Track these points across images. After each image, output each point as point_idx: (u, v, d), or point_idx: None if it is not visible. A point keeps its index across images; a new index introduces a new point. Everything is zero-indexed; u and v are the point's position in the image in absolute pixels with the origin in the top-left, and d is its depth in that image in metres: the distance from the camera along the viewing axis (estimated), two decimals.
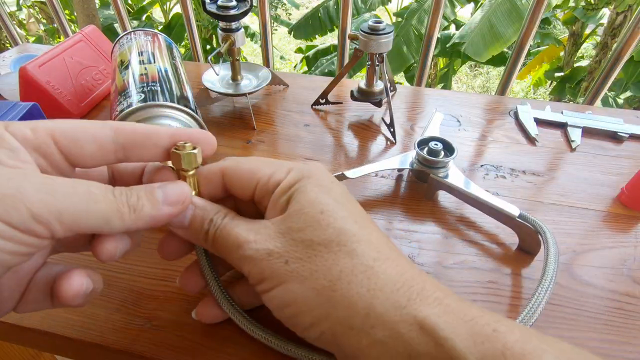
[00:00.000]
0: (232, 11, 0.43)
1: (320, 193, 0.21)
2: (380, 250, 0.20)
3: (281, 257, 0.20)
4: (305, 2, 7.64)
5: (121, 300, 0.29)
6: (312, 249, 0.20)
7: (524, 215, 0.32)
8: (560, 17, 4.47)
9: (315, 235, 0.20)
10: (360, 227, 0.21)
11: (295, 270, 0.20)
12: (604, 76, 0.61)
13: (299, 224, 0.20)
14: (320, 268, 0.19)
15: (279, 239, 0.20)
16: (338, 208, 0.21)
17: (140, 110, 0.32)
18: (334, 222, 0.20)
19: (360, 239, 0.20)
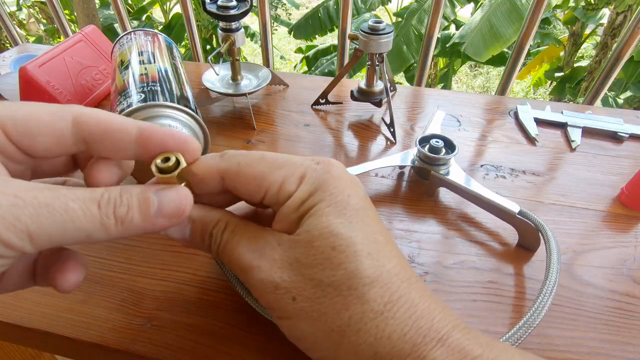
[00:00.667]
0: (232, 11, 0.43)
1: (334, 219, 0.19)
2: (393, 290, 0.19)
3: (289, 293, 0.19)
4: (305, 2, 7.64)
5: (121, 300, 0.29)
6: (321, 289, 0.18)
7: (523, 212, 0.32)
8: (560, 17, 4.48)
9: (325, 275, 0.18)
10: (374, 262, 0.19)
11: (303, 309, 0.19)
12: (604, 76, 0.61)
13: (309, 259, 0.19)
14: (330, 311, 0.18)
15: (286, 270, 0.19)
16: (352, 240, 0.19)
17: (140, 110, 0.32)
18: (345, 260, 0.18)
19: (374, 279, 0.19)
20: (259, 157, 0.20)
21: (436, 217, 0.36)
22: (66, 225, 0.15)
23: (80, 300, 0.29)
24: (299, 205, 0.19)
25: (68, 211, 0.15)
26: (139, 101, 0.33)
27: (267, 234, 0.20)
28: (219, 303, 0.28)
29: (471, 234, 0.34)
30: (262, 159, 0.20)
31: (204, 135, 0.34)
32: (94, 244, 0.30)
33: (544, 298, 0.25)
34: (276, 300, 0.19)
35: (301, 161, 0.21)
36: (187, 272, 0.31)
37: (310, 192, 0.19)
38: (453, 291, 0.30)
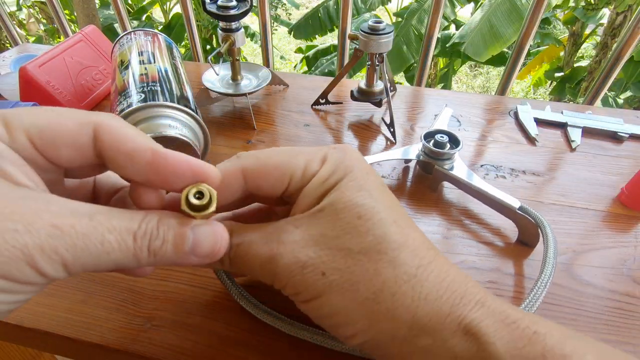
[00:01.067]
0: (232, 11, 0.43)
1: (356, 192, 0.19)
2: (422, 255, 0.19)
3: (317, 269, 0.18)
4: (305, 2, 7.64)
5: (121, 300, 0.29)
6: (351, 257, 0.18)
7: (524, 208, 0.32)
8: (560, 17, 4.48)
9: (354, 243, 0.18)
10: (400, 229, 0.19)
11: (334, 282, 0.18)
12: (604, 76, 0.61)
13: (335, 231, 0.19)
14: (362, 279, 0.18)
15: (311, 247, 0.19)
16: (376, 209, 0.19)
17: (140, 110, 0.32)
18: (372, 227, 0.19)
19: (402, 244, 0.19)
20: (276, 150, 0.21)
21: (438, 213, 0.36)
22: (100, 256, 0.15)
23: (80, 300, 0.29)
24: (324, 181, 0.20)
25: (104, 243, 0.15)
26: (139, 101, 0.33)
27: (278, 223, 0.20)
28: (218, 303, 0.28)
29: (472, 230, 0.34)
30: (280, 151, 0.21)
31: (204, 135, 0.34)
32: None
33: (537, 291, 0.26)
34: (304, 280, 0.18)
35: (318, 148, 0.21)
36: (187, 272, 0.30)
37: (332, 170, 0.20)
38: None
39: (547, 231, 0.30)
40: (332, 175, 0.20)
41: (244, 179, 0.20)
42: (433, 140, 0.38)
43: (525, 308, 0.25)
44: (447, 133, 0.38)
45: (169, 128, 0.31)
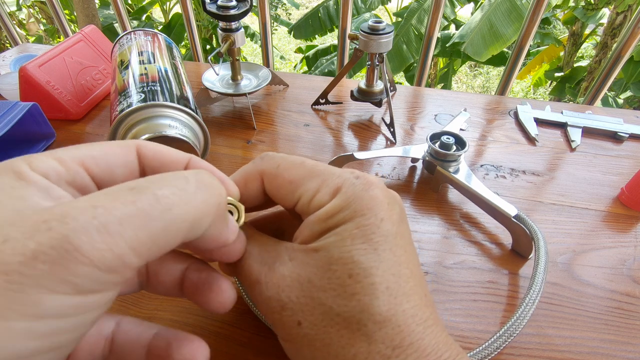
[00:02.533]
0: (232, 11, 0.43)
1: (358, 244, 0.18)
2: (405, 334, 0.17)
3: (295, 316, 0.18)
4: (305, 2, 7.64)
5: (121, 300, 0.29)
6: (329, 318, 0.17)
7: (520, 217, 0.32)
8: (560, 17, 4.47)
9: (337, 304, 0.17)
10: (389, 299, 0.17)
11: (307, 337, 0.17)
12: (604, 76, 0.61)
13: (322, 282, 0.17)
14: (334, 344, 0.17)
15: (295, 290, 0.18)
16: (371, 271, 0.17)
17: (140, 110, 0.32)
18: (360, 292, 0.17)
19: (385, 318, 0.17)
20: (299, 162, 0.20)
21: (440, 213, 0.36)
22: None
23: None
24: (327, 218, 0.18)
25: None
26: (139, 101, 0.33)
27: (280, 246, 0.19)
28: None
29: (471, 234, 0.34)
30: (302, 164, 0.20)
31: (204, 135, 0.34)
32: None
33: (525, 308, 0.25)
34: (281, 321, 0.18)
35: (340, 173, 0.20)
36: None
37: (341, 207, 0.18)
38: (453, 291, 0.30)
39: (540, 244, 0.29)
40: (339, 213, 0.18)
41: (261, 181, 0.20)
42: (439, 141, 0.38)
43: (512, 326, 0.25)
44: (454, 135, 0.38)
45: (168, 128, 0.31)
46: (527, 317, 0.25)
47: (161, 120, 0.32)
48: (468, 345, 0.26)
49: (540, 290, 0.26)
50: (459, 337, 0.27)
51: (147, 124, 0.31)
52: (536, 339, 0.27)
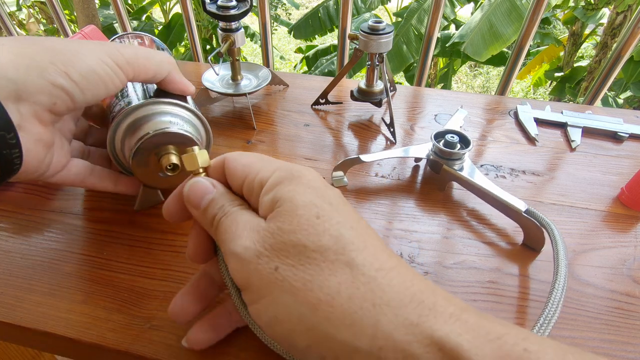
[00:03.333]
0: (232, 11, 0.43)
1: (315, 196, 0.19)
2: (383, 260, 0.18)
3: (271, 262, 0.18)
4: (305, 2, 7.64)
5: (121, 300, 0.29)
6: (305, 255, 0.17)
7: (530, 211, 0.32)
8: (560, 17, 4.47)
9: (310, 240, 0.18)
10: (357, 234, 0.19)
11: (286, 279, 0.17)
12: (604, 76, 0.61)
13: (292, 225, 0.18)
14: (316, 279, 0.17)
15: (269, 239, 0.18)
16: (334, 212, 0.19)
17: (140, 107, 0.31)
18: (330, 227, 0.18)
19: (359, 246, 0.18)
20: (254, 154, 0.23)
21: (444, 212, 0.36)
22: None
23: (80, 300, 0.29)
24: (272, 188, 0.20)
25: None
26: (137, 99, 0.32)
27: (253, 214, 0.21)
28: (218, 303, 0.28)
29: (478, 232, 0.34)
30: (256, 156, 0.23)
31: (206, 131, 0.34)
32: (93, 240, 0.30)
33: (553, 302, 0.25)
34: (257, 270, 0.18)
35: (284, 163, 0.22)
36: (187, 272, 0.31)
37: (282, 178, 0.20)
38: (453, 291, 0.30)
39: (555, 236, 0.29)
40: (283, 181, 0.20)
41: (224, 168, 0.23)
42: (443, 140, 0.38)
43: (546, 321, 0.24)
44: (458, 133, 0.38)
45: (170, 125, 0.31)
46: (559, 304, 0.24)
47: (162, 117, 0.31)
48: None
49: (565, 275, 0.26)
50: None
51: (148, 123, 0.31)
52: None
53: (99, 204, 0.37)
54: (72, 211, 0.36)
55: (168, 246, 0.32)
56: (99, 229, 0.34)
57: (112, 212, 0.36)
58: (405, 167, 0.42)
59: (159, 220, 0.35)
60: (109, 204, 0.36)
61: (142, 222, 0.35)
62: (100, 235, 0.33)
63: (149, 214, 0.35)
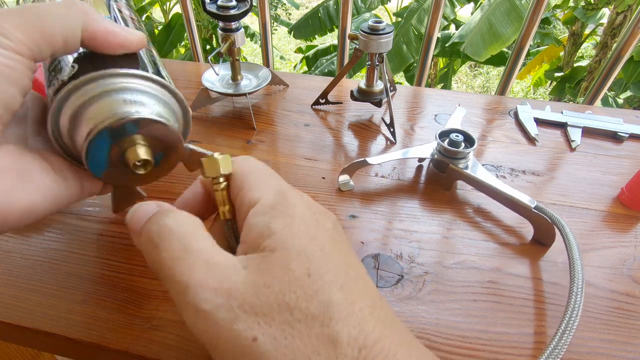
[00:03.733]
0: (232, 11, 0.43)
1: (308, 239, 0.17)
2: (367, 332, 0.16)
3: (249, 330, 0.15)
4: (305, 2, 7.64)
5: (121, 300, 0.29)
6: (290, 325, 0.16)
7: (540, 207, 0.32)
8: (560, 17, 4.47)
9: (299, 306, 0.16)
10: (345, 297, 0.17)
11: (264, 354, 0.15)
12: (604, 76, 0.61)
13: (282, 285, 0.16)
14: (298, 356, 0.15)
15: (251, 298, 0.16)
16: (325, 266, 0.17)
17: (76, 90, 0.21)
18: (319, 289, 0.16)
19: (345, 316, 0.16)
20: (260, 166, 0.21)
21: (448, 212, 0.36)
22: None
23: (80, 300, 0.29)
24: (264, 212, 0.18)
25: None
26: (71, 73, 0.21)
27: (229, 256, 0.18)
28: None
29: (479, 231, 0.34)
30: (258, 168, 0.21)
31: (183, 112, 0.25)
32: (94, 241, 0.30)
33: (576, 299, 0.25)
34: (230, 339, 0.15)
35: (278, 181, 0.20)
36: None
37: (278, 203, 0.18)
38: (453, 291, 0.30)
39: (566, 232, 0.30)
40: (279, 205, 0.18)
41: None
42: (448, 139, 0.38)
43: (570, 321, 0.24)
44: (462, 132, 0.38)
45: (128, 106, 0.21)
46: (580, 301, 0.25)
47: (113, 96, 0.21)
48: (468, 345, 0.26)
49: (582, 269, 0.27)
50: (458, 337, 0.27)
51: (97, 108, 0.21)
52: (536, 339, 0.27)
53: (99, 203, 0.36)
54: (72, 211, 0.36)
55: None
56: (99, 229, 0.34)
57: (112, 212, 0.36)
58: (405, 167, 0.42)
59: None
60: (109, 203, 0.36)
61: None
62: (100, 235, 0.33)
63: None
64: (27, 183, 0.20)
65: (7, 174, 0.19)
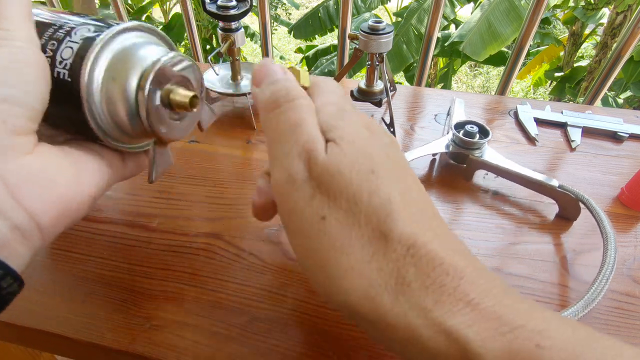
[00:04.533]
0: (232, 11, 0.43)
1: (373, 142, 0.19)
2: (418, 233, 0.17)
3: (320, 209, 0.17)
4: (305, 2, 7.64)
5: (121, 300, 0.29)
6: (352, 213, 0.17)
7: (563, 186, 0.35)
8: (560, 17, 4.48)
9: (361, 199, 0.17)
10: (405, 201, 0.18)
11: (328, 235, 0.17)
12: (603, 76, 0.61)
13: (351, 175, 0.18)
14: (355, 243, 0.17)
15: (326, 179, 0.18)
16: (386, 172, 0.18)
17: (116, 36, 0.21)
18: (381, 187, 0.18)
19: (402, 216, 0.17)
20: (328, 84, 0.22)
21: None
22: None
23: (80, 300, 0.29)
24: (337, 110, 0.20)
25: None
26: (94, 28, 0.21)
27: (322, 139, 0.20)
28: (219, 303, 0.28)
29: (486, 229, 0.34)
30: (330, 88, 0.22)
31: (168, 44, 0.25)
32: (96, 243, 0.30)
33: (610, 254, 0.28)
34: (302, 212, 0.18)
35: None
36: (187, 272, 0.31)
37: (340, 111, 0.20)
38: None
39: (592, 204, 0.33)
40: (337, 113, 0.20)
41: None
42: (463, 130, 0.40)
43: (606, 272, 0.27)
44: (476, 123, 0.40)
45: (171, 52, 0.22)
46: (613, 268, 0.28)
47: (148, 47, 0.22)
48: None
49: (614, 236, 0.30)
50: None
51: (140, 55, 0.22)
52: None
53: (99, 203, 0.36)
54: None
55: (168, 246, 0.32)
56: (99, 229, 0.34)
57: (112, 212, 0.36)
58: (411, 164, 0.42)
59: (159, 220, 0.35)
60: (108, 203, 0.36)
61: (142, 222, 0.35)
62: (100, 235, 0.33)
63: (148, 214, 0.35)
64: (83, 170, 0.21)
65: (64, 168, 0.20)
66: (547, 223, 0.36)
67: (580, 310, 0.25)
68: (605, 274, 0.27)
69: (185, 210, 0.36)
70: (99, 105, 0.21)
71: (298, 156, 0.18)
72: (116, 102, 0.21)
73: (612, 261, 0.28)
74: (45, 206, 0.18)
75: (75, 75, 0.20)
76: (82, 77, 0.20)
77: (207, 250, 0.32)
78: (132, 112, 0.21)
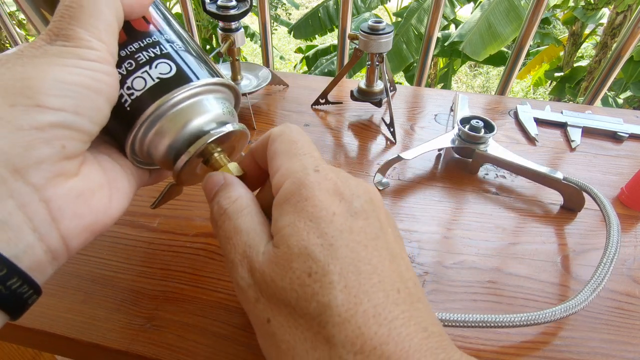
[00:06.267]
0: (232, 11, 0.43)
1: (315, 237, 0.17)
2: (367, 337, 0.16)
3: (265, 312, 0.18)
4: (305, 2, 7.64)
5: (121, 300, 0.29)
6: (294, 318, 0.17)
7: (567, 178, 0.36)
8: (560, 17, 4.48)
9: (299, 306, 0.17)
10: (348, 297, 0.16)
11: (274, 336, 0.17)
12: (603, 76, 0.61)
13: (284, 282, 0.17)
14: (298, 348, 0.17)
15: (264, 287, 0.18)
16: (328, 267, 0.17)
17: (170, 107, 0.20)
18: (319, 292, 0.16)
19: (344, 319, 0.16)
20: (292, 138, 0.21)
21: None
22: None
23: (80, 300, 0.29)
24: (279, 204, 0.19)
25: None
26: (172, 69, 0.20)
27: (261, 229, 0.19)
28: (219, 303, 0.28)
29: (486, 229, 0.34)
30: (291, 140, 0.21)
31: (236, 99, 0.26)
32: (93, 243, 0.30)
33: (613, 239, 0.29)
34: (254, 313, 0.18)
35: (305, 161, 0.20)
36: (187, 272, 0.31)
37: (291, 194, 0.19)
38: (453, 291, 0.30)
39: (594, 191, 0.34)
40: (292, 197, 0.18)
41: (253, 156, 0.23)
42: (469, 125, 0.40)
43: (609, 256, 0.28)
44: (481, 118, 0.41)
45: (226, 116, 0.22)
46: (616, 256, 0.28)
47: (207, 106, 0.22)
48: (469, 346, 0.26)
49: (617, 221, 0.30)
50: (459, 337, 0.27)
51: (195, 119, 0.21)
52: (536, 338, 0.27)
53: None
54: None
55: (168, 246, 0.32)
56: None
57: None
58: (405, 167, 0.42)
59: (159, 220, 0.35)
60: None
61: (142, 222, 0.35)
62: (100, 235, 0.33)
63: (149, 214, 0.35)
64: (115, 192, 0.21)
65: (102, 190, 0.20)
66: (548, 222, 0.36)
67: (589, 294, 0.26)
68: (609, 256, 0.28)
69: (185, 210, 0.36)
70: (144, 139, 0.21)
71: (240, 264, 0.19)
72: (160, 146, 0.21)
73: (615, 243, 0.28)
74: (78, 231, 0.18)
75: (137, 112, 0.20)
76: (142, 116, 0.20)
77: (207, 250, 0.32)
78: (170, 158, 0.22)
